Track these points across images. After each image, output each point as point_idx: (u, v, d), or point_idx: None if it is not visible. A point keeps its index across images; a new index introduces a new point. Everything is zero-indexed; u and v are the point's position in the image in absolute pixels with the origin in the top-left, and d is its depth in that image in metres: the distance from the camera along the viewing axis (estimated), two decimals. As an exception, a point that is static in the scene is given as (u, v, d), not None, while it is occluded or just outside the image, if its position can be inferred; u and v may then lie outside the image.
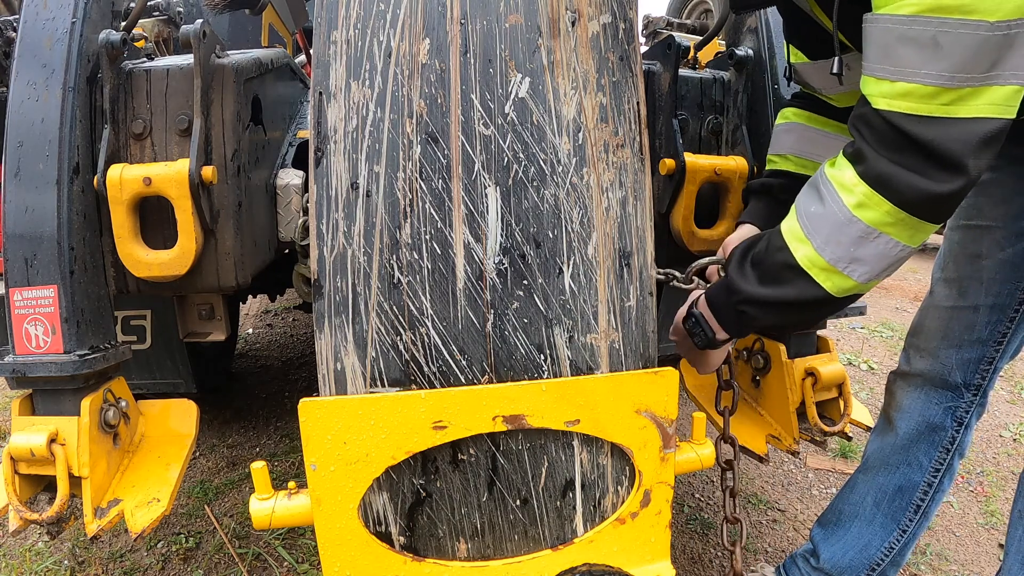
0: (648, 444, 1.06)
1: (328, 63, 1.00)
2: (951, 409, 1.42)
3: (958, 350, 1.40)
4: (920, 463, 1.46)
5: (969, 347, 1.39)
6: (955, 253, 1.40)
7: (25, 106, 1.22)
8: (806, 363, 1.58)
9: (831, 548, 1.55)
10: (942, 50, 0.85)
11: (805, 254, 1.02)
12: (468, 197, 0.98)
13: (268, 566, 2.01)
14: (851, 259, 0.99)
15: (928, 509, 1.48)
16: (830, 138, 1.39)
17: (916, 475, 1.46)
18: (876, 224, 0.96)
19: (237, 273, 1.38)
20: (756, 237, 1.14)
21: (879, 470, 1.50)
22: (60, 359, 1.19)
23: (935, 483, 1.46)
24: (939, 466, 1.45)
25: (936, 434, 1.44)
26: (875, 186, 0.94)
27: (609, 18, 1.05)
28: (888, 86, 0.91)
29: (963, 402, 1.42)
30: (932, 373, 1.44)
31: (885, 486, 1.49)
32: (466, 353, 0.99)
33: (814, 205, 1.03)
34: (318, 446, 0.96)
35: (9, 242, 1.21)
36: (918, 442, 1.45)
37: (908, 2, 0.86)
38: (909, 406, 1.46)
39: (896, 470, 1.48)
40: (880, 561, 1.50)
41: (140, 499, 1.26)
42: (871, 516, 1.51)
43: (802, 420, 1.59)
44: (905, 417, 1.46)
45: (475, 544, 1.04)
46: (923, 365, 1.45)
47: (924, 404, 1.45)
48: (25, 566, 2.00)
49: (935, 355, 1.43)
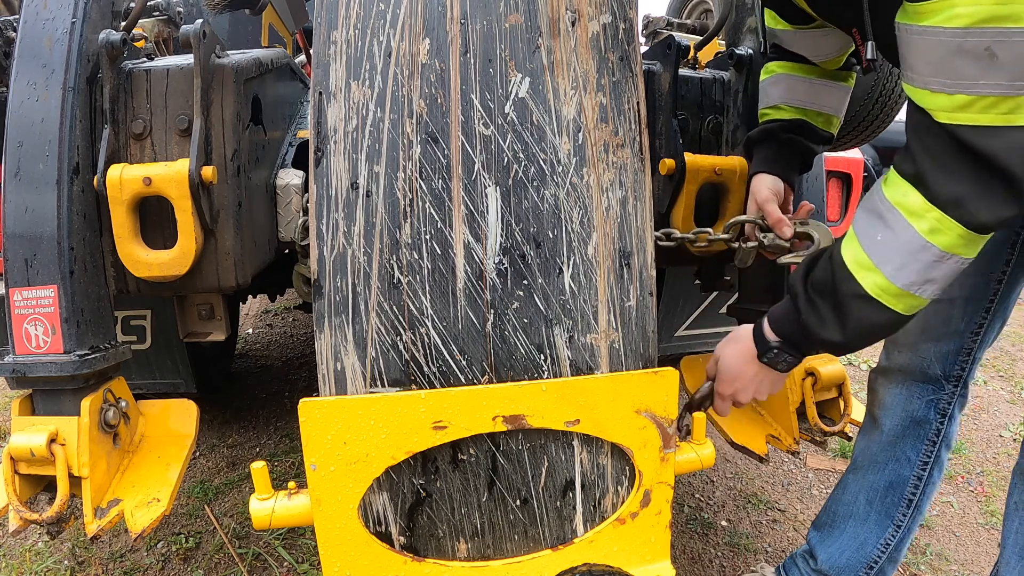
0: (648, 444, 1.06)
1: (328, 63, 1.00)
2: (933, 402, 1.43)
3: (936, 343, 1.41)
4: (908, 458, 1.46)
5: (947, 339, 1.40)
6: None
7: (25, 106, 1.22)
8: (806, 363, 1.58)
9: (828, 549, 1.56)
10: (998, 59, 0.84)
11: (875, 282, 1.01)
12: (468, 197, 0.98)
13: (268, 566, 2.01)
14: (924, 281, 0.99)
15: (920, 503, 1.48)
16: (818, 84, 1.40)
17: (905, 470, 1.47)
18: (950, 248, 0.95)
19: (237, 273, 1.38)
20: (812, 260, 1.12)
21: (868, 468, 1.51)
22: (60, 359, 1.19)
23: (924, 476, 1.46)
24: (927, 459, 1.46)
25: (921, 428, 1.44)
26: (948, 211, 0.93)
27: (609, 18, 1.05)
28: (946, 99, 0.90)
29: (945, 394, 1.43)
30: (912, 367, 1.44)
31: (876, 484, 1.50)
32: (466, 353, 0.99)
33: (880, 232, 1.01)
34: (318, 446, 0.96)
35: (9, 242, 1.21)
36: (904, 437, 1.46)
37: (960, 14, 0.85)
38: (891, 402, 1.47)
39: (885, 467, 1.49)
40: (877, 558, 1.51)
41: (140, 499, 1.26)
42: (865, 514, 1.52)
43: (802, 420, 1.59)
44: (888, 414, 1.47)
45: (475, 544, 1.04)
46: (902, 360, 1.45)
47: (906, 399, 1.45)
48: (25, 566, 2.00)
49: (914, 349, 1.43)
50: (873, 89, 1.91)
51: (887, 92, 1.89)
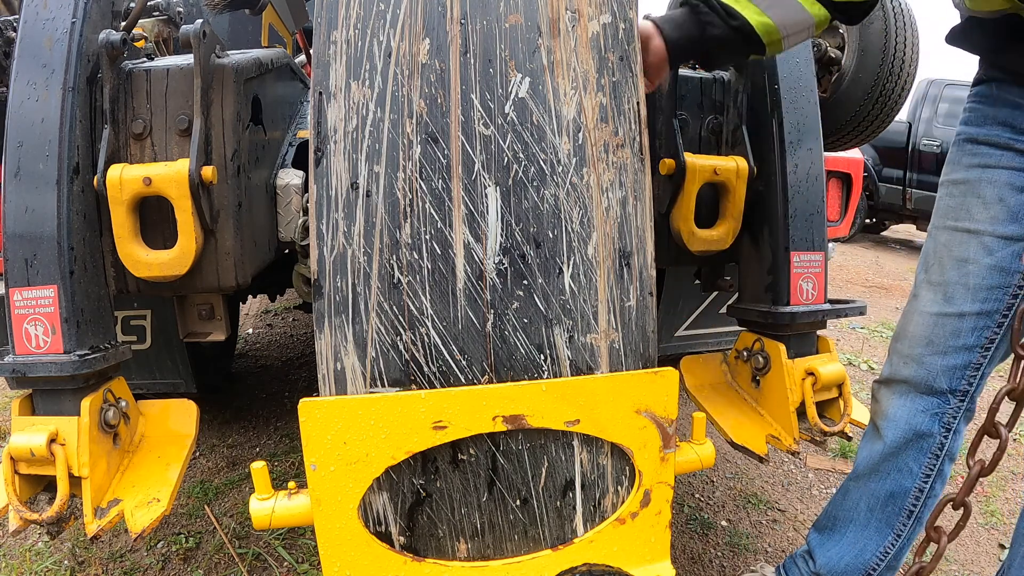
0: (648, 444, 1.06)
1: (328, 63, 1.00)
2: (938, 415, 1.39)
3: (943, 356, 1.36)
4: (910, 469, 1.43)
5: (955, 353, 1.35)
6: (940, 256, 1.37)
7: (25, 106, 1.22)
8: (806, 363, 1.58)
9: (827, 553, 1.55)
10: None
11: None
12: (468, 197, 0.98)
13: (268, 566, 2.01)
14: None
15: (921, 514, 1.46)
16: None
17: (907, 481, 1.44)
18: None
19: (237, 273, 1.38)
20: None
21: (870, 477, 1.49)
22: (60, 359, 1.19)
23: (927, 488, 1.44)
24: (929, 472, 1.42)
25: (924, 441, 1.41)
26: None
27: (609, 18, 1.05)
28: None
29: (950, 408, 1.39)
30: (917, 379, 1.40)
31: (877, 492, 1.48)
32: (466, 353, 0.99)
33: None
34: (318, 446, 0.96)
35: (9, 242, 1.21)
36: (906, 449, 1.43)
37: None
38: (895, 414, 1.43)
39: (887, 477, 1.46)
40: (876, 566, 1.50)
41: (140, 499, 1.26)
42: (866, 521, 1.50)
43: (802, 420, 1.59)
44: (892, 425, 1.44)
45: (475, 544, 1.04)
46: (908, 371, 1.42)
47: (910, 412, 1.42)
48: (25, 566, 2.00)
49: (920, 361, 1.39)
50: (873, 89, 1.90)
51: (887, 92, 1.89)
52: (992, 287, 1.30)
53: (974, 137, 1.32)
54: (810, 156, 1.58)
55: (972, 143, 1.32)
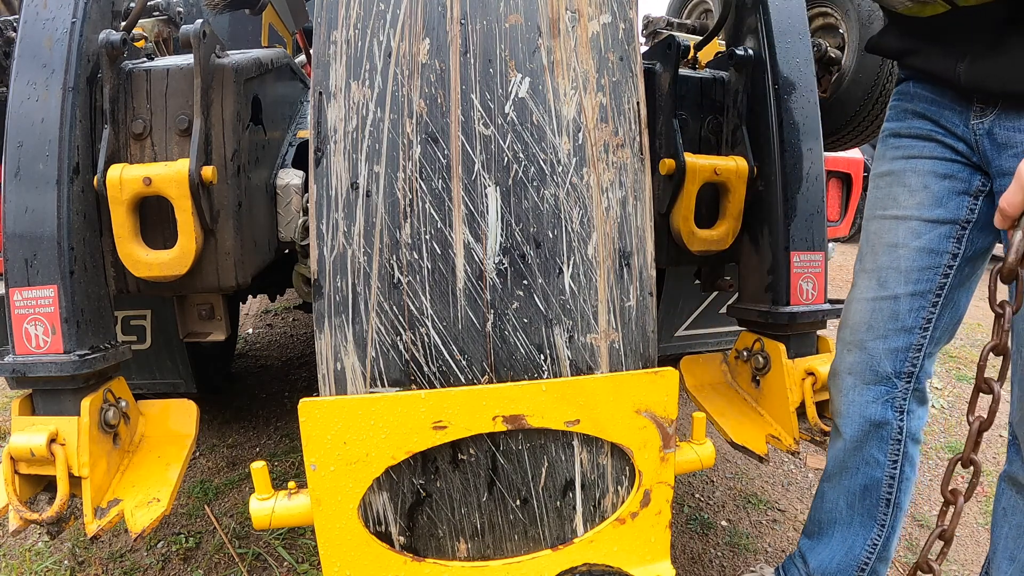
0: (648, 444, 1.06)
1: (328, 63, 1.00)
2: (889, 402, 1.42)
3: (884, 339, 1.40)
4: (876, 460, 1.45)
5: (895, 336, 1.39)
6: (873, 244, 1.41)
7: (25, 106, 1.22)
8: (806, 363, 1.58)
9: (818, 556, 1.56)
10: None
11: None
12: (468, 197, 0.98)
13: (268, 566, 2.01)
14: None
15: (900, 500, 1.48)
16: None
17: (876, 472, 1.46)
18: None
19: (237, 273, 1.38)
20: None
21: (841, 475, 1.51)
22: (60, 359, 1.19)
23: (897, 474, 1.46)
24: (895, 457, 1.45)
25: (882, 429, 1.43)
26: None
27: (609, 18, 1.05)
28: None
29: (898, 392, 1.41)
30: (861, 366, 1.43)
31: (852, 488, 1.50)
32: (466, 353, 0.99)
33: None
34: (318, 446, 0.96)
35: (9, 242, 1.21)
36: (867, 441, 1.45)
37: None
38: (847, 410, 1.45)
39: (857, 471, 1.48)
40: (867, 559, 1.51)
41: (140, 499, 1.26)
42: (848, 518, 1.52)
43: (802, 420, 1.59)
44: (847, 421, 1.46)
45: (475, 544, 1.04)
46: (852, 358, 1.44)
47: (861, 404, 1.44)
48: (25, 566, 2.00)
49: (862, 347, 1.42)
50: (873, 89, 1.91)
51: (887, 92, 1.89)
52: (923, 268, 1.34)
53: (897, 131, 1.38)
54: (810, 156, 1.58)
55: (895, 137, 1.38)
